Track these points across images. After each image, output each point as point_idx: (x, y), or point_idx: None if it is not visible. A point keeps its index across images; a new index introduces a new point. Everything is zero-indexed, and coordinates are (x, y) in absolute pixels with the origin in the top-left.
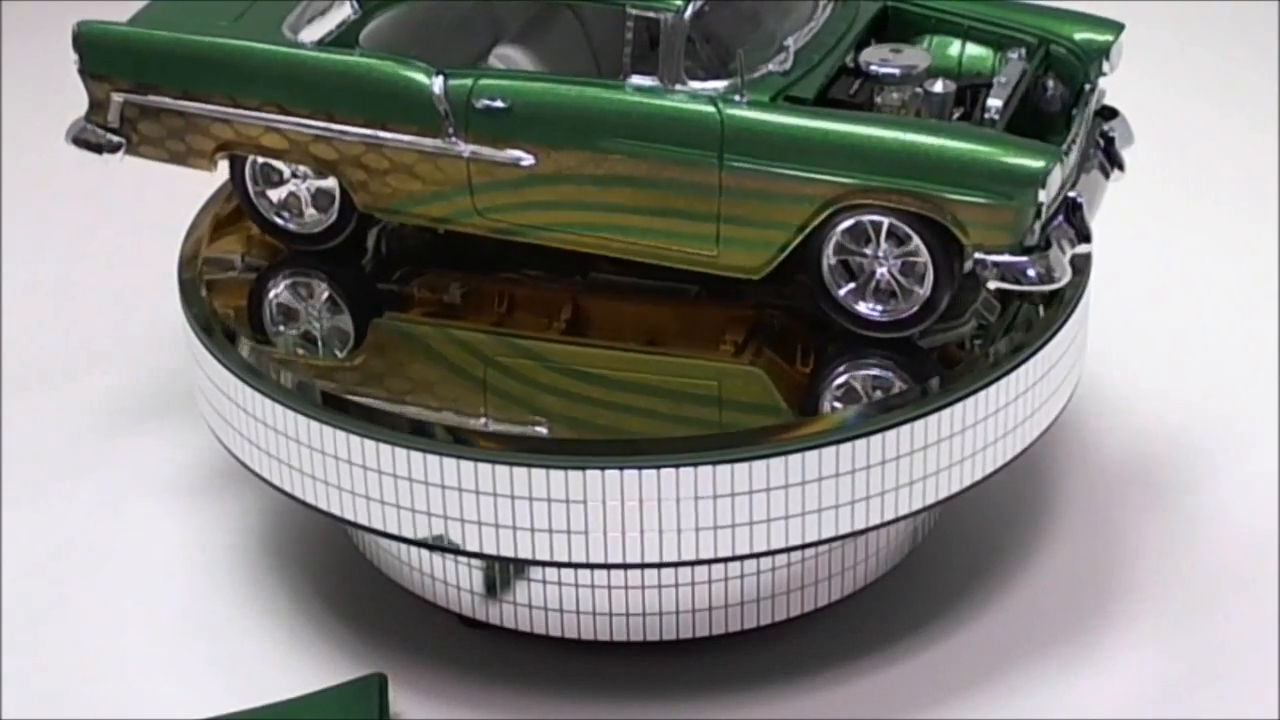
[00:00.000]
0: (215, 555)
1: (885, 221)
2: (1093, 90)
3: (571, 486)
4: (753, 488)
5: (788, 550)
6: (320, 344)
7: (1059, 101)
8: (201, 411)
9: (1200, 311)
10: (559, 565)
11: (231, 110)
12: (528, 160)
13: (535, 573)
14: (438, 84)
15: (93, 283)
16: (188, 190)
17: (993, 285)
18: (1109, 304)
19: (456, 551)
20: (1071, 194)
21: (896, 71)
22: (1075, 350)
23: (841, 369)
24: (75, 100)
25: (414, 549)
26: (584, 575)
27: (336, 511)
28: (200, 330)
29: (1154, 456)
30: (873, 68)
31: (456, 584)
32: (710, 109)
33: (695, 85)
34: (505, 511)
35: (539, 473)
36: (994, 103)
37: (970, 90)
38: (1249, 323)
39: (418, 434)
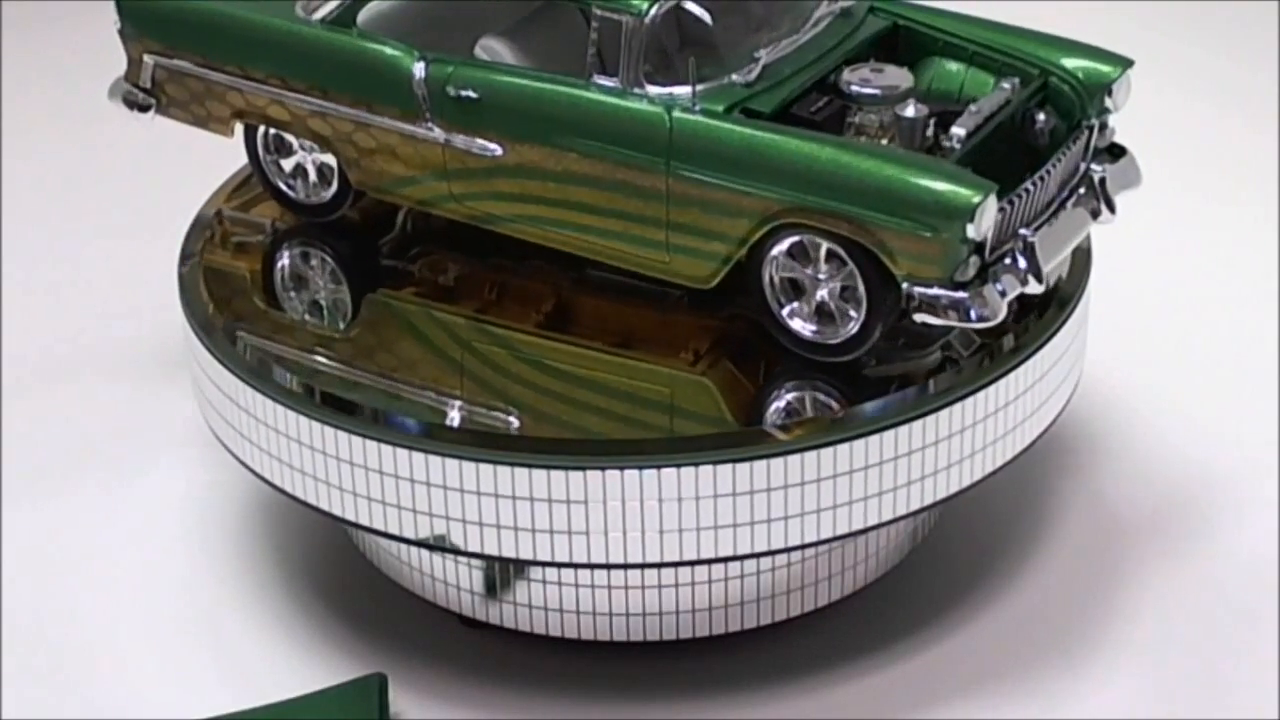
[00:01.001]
0: (215, 556)
1: (824, 243)
2: (1091, 127)
3: (571, 487)
4: (753, 488)
5: (788, 550)
6: (324, 313)
7: (1047, 136)
8: (201, 411)
9: (1200, 311)
10: (559, 566)
11: (242, 80)
12: (496, 151)
13: (535, 573)
14: (419, 69)
15: (93, 283)
16: (188, 190)
17: (919, 319)
18: (1109, 304)
19: (456, 552)
20: (1024, 232)
21: (872, 92)
22: (1075, 350)
23: (789, 385)
24: (75, 101)
25: (414, 549)
26: (584, 575)
27: (336, 511)
28: (200, 330)
29: (1153, 456)
30: (853, 88)
31: (456, 584)
32: (661, 114)
33: (653, 90)
34: (505, 512)
35: (539, 473)
36: (957, 130)
37: (949, 116)
38: (1249, 323)
39: (417, 434)
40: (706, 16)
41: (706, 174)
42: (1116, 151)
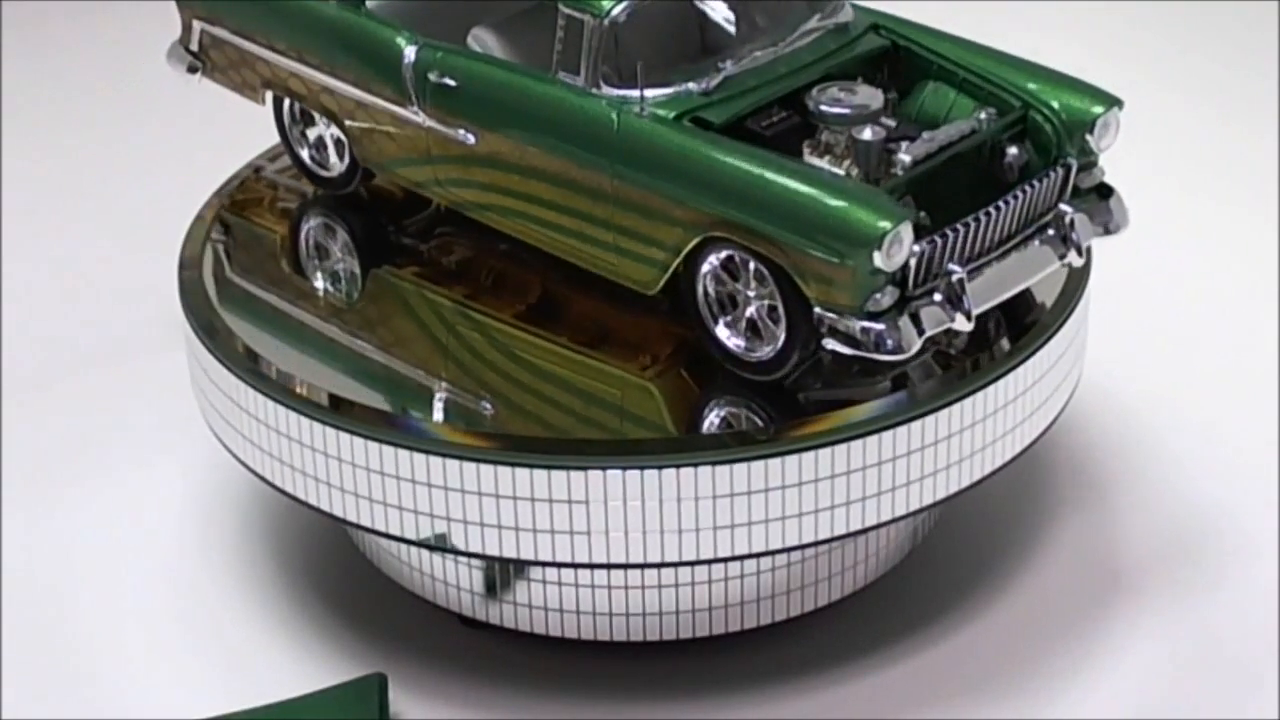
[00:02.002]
0: (215, 555)
1: (751, 260)
2: (1067, 166)
3: (572, 487)
4: (753, 488)
5: (788, 550)
6: (338, 282)
7: (1015, 171)
8: (202, 411)
9: (1200, 311)
10: (559, 566)
11: (268, 51)
12: (470, 140)
13: (535, 573)
14: (409, 53)
15: (93, 283)
16: (188, 190)
17: (828, 345)
18: (1109, 304)
19: (456, 552)
20: (955, 268)
21: (837, 111)
22: (1075, 350)
23: (726, 399)
24: (75, 101)
25: (414, 549)
26: (584, 575)
27: (336, 512)
28: (200, 330)
29: (1154, 457)
30: (819, 106)
31: (456, 584)
32: (610, 115)
33: (609, 91)
34: (505, 512)
35: (539, 473)
36: (903, 157)
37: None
38: (1249, 322)
39: (417, 435)
40: (731, 18)
41: (645, 179)
42: (1104, 193)
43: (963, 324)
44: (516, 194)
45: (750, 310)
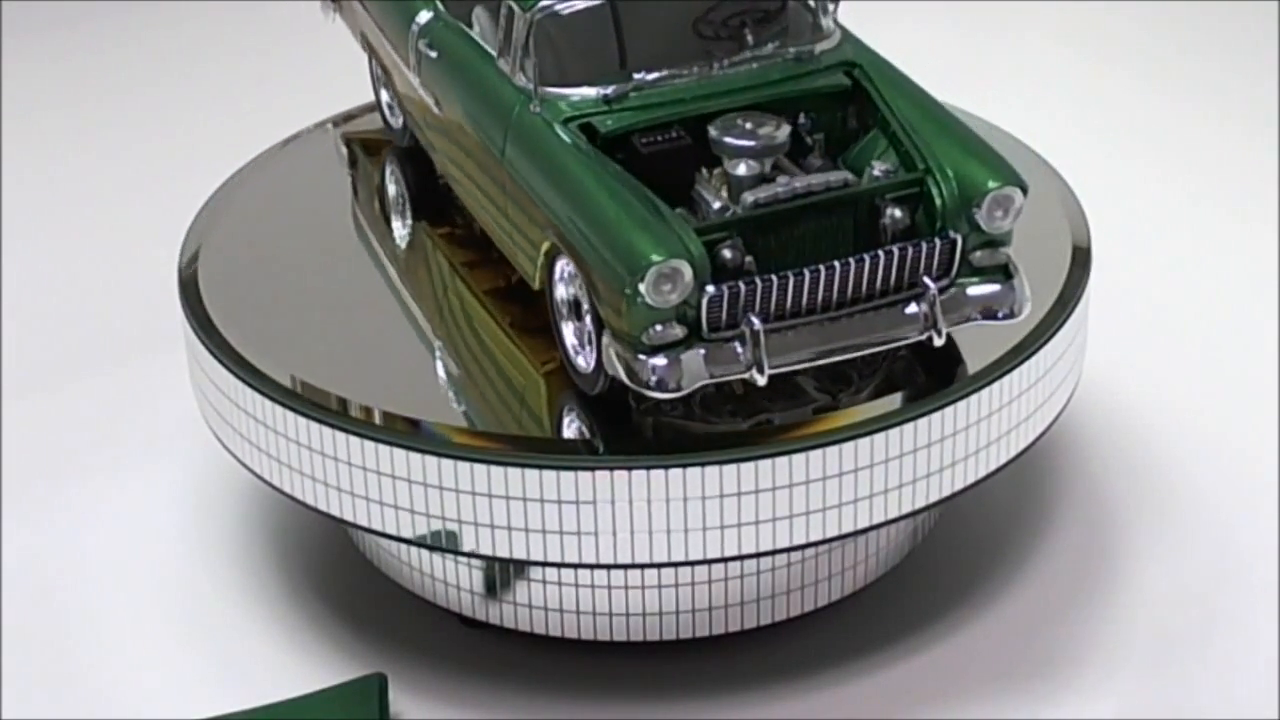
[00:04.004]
0: (215, 555)
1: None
2: (949, 240)
3: (572, 487)
4: (753, 488)
5: (788, 550)
6: (391, 220)
7: (889, 234)
8: (202, 412)
9: (1200, 311)
10: (559, 566)
11: (356, 4)
12: (436, 110)
13: (535, 573)
14: (420, 20)
15: (93, 283)
16: (188, 190)
17: (609, 372)
18: (1109, 304)
19: (456, 552)
20: (754, 320)
21: (730, 141)
22: (1075, 350)
23: (581, 405)
24: (75, 102)
25: (414, 549)
26: (584, 575)
27: (336, 512)
28: (200, 330)
29: (1154, 457)
30: (718, 134)
31: (456, 584)
32: (511, 107)
33: (522, 83)
34: (506, 512)
35: (540, 473)
36: (748, 196)
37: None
38: (1249, 323)
39: (417, 435)
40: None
41: (520, 174)
42: (1006, 274)
43: (757, 377)
44: (462, 169)
45: (588, 320)
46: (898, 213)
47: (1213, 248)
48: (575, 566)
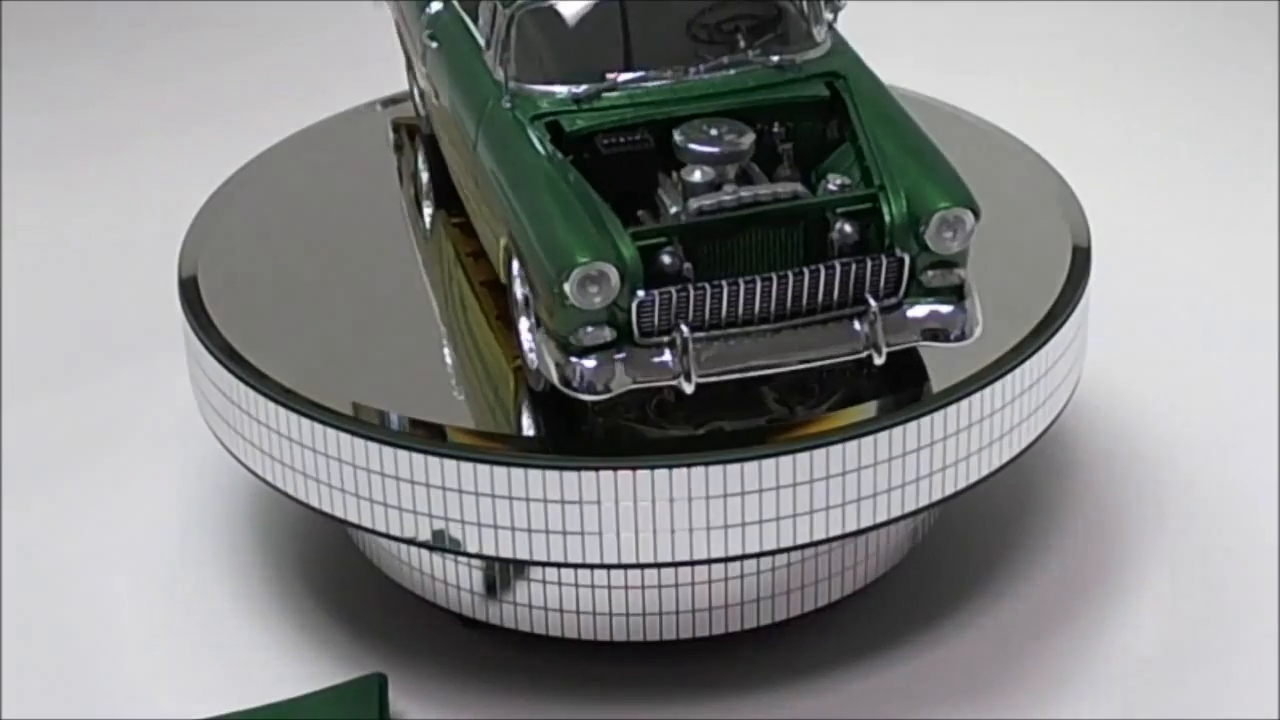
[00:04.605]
0: (215, 555)
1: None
2: (895, 258)
3: (571, 487)
4: (753, 488)
5: (788, 550)
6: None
7: (837, 249)
8: (202, 412)
9: (1200, 311)
10: (559, 566)
11: None
12: (435, 100)
13: (535, 573)
14: (431, 8)
15: (93, 282)
16: (188, 191)
17: (541, 371)
18: (1109, 304)
19: (456, 552)
20: (684, 329)
21: (693, 147)
22: (1075, 350)
23: (545, 403)
24: (75, 102)
25: (414, 549)
26: (584, 575)
27: (336, 512)
28: (200, 330)
29: (1154, 456)
30: (681, 139)
31: (456, 584)
32: (486, 100)
33: (500, 77)
34: (506, 512)
35: (539, 473)
36: (693, 203)
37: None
38: (1249, 323)
39: (417, 435)
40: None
41: (485, 169)
42: (958, 296)
43: (685, 385)
44: (455, 160)
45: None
46: (848, 228)
47: (1213, 248)
48: (575, 566)
